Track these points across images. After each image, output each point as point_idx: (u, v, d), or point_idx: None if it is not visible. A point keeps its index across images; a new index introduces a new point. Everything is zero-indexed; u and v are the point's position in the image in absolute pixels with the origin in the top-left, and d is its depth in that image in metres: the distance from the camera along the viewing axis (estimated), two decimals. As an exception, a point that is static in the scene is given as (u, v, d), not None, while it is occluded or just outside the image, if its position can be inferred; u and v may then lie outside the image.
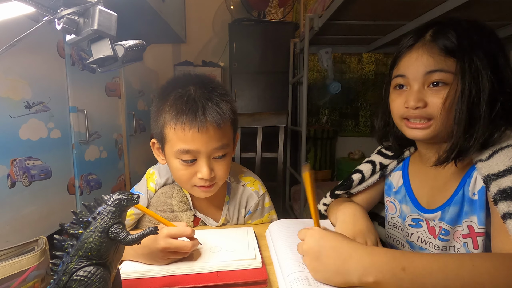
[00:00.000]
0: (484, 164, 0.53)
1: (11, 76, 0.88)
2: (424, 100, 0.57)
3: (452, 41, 0.54)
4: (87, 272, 0.38)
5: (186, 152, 0.66)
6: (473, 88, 0.52)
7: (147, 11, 1.41)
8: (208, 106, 0.66)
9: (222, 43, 2.66)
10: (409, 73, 0.59)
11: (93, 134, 1.26)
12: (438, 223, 0.63)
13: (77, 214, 0.39)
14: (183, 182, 0.72)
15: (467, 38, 0.54)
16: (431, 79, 0.56)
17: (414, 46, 0.59)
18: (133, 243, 0.40)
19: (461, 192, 0.59)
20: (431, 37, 0.57)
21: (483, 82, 0.52)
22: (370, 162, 0.77)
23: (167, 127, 0.67)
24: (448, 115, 0.55)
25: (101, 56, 0.41)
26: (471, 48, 0.53)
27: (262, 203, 0.85)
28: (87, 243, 0.38)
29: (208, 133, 0.65)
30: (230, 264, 0.55)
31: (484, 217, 0.55)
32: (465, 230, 0.58)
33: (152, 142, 0.75)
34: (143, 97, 1.85)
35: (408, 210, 0.69)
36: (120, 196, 0.41)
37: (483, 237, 0.56)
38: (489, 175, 0.51)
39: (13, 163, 0.87)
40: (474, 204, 0.57)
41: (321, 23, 1.67)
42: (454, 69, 0.54)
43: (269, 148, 1.33)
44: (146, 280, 0.52)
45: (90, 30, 0.38)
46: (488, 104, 0.52)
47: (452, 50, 0.54)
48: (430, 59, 0.56)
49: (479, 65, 0.52)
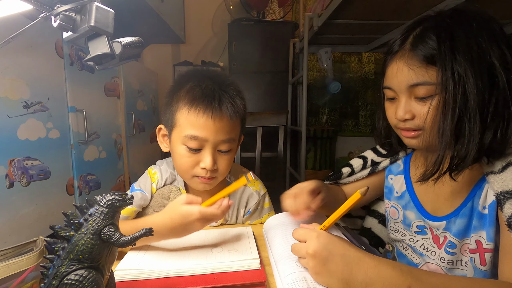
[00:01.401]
0: (496, 178, 0.49)
1: (9, 75, 0.87)
2: (412, 111, 0.55)
3: (432, 47, 0.50)
4: (79, 276, 0.36)
5: (194, 139, 0.66)
6: (457, 97, 0.48)
7: (146, 11, 1.41)
8: (224, 98, 0.67)
9: (221, 43, 2.66)
10: (394, 86, 0.57)
11: (92, 134, 1.25)
12: (442, 232, 0.61)
13: (68, 215, 0.38)
14: (184, 170, 0.71)
15: (449, 40, 0.49)
16: (416, 92, 0.54)
17: (396, 54, 0.56)
18: (126, 245, 0.39)
19: (469, 204, 0.56)
20: (411, 45, 0.53)
21: (468, 88, 0.48)
22: (361, 157, 0.78)
23: (180, 111, 0.67)
24: (435, 126, 0.52)
25: (98, 53, 0.40)
26: (453, 53, 0.49)
27: (262, 203, 0.85)
28: (78, 245, 0.37)
29: (220, 123, 0.66)
30: (228, 265, 0.54)
31: (494, 233, 0.52)
32: (472, 245, 0.56)
33: (159, 128, 0.76)
34: (143, 97, 1.85)
35: (413, 216, 0.68)
36: (113, 197, 0.40)
37: (491, 254, 0.53)
38: (503, 192, 0.47)
39: (11, 163, 0.87)
40: (484, 219, 0.54)
41: (320, 22, 1.67)
42: (436, 79, 0.50)
43: (268, 147, 1.32)
44: (141, 282, 0.51)
45: (87, 27, 0.37)
46: (477, 109, 0.48)
47: (432, 58, 0.50)
48: (411, 72, 0.53)
49: (462, 71, 0.48)
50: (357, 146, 2.88)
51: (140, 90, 1.82)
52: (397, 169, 0.74)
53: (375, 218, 0.83)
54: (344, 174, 0.77)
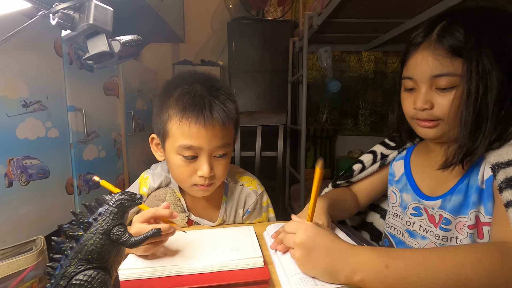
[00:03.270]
0: (493, 153, 0.52)
1: (8, 74, 0.87)
2: (431, 101, 0.56)
3: (459, 39, 0.52)
4: (87, 276, 0.36)
5: (189, 148, 0.66)
6: (480, 89, 0.51)
7: (145, 9, 1.41)
8: (215, 104, 0.66)
9: (221, 42, 2.65)
10: (416, 75, 0.58)
11: (91, 133, 1.25)
12: (437, 211, 0.63)
13: (77, 214, 0.38)
14: (182, 179, 0.71)
15: (476, 34, 0.51)
16: (438, 83, 0.55)
17: (421, 45, 0.57)
18: (136, 245, 0.39)
19: (466, 181, 0.58)
20: (437, 36, 0.55)
21: (491, 81, 0.50)
22: (371, 152, 0.79)
23: (171, 122, 0.66)
24: (456, 116, 0.54)
25: (97, 51, 0.40)
26: (479, 46, 0.51)
27: (261, 202, 0.85)
28: (87, 245, 0.36)
29: (213, 131, 0.66)
30: (232, 263, 0.54)
31: (492, 207, 0.55)
32: (472, 221, 0.58)
33: (152, 138, 0.75)
34: (142, 96, 1.84)
35: (409, 198, 0.69)
36: (123, 196, 0.39)
37: (489, 227, 0.55)
38: (498, 163, 0.51)
39: (11, 163, 0.87)
40: (482, 194, 0.56)
41: (320, 21, 1.67)
42: (461, 70, 0.52)
43: (268, 147, 1.32)
44: (145, 281, 0.51)
45: (86, 25, 0.37)
46: (496, 104, 0.51)
47: (458, 50, 0.52)
48: (436, 62, 0.54)
49: (487, 64, 0.50)
50: (356, 145, 2.88)
51: (140, 89, 1.81)
52: (400, 156, 0.76)
53: (377, 213, 0.84)
54: (356, 171, 0.78)
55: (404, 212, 0.70)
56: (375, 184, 0.80)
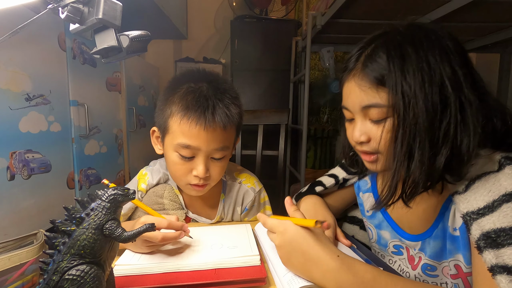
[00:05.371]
0: (461, 198, 0.47)
1: (12, 68, 0.87)
2: (368, 134, 0.52)
3: (382, 67, 0.47)
4: (80, 271, 0.36)
5: (187, 147, 0.66)
6: (407, 119, 0.46)
7: (149, 6, 1.41)
8: (218, 107, 0.66)
9: (223, 40, 2.65)
10: (349, 106, 0.54)
11: (93, 128, 1.25)
12: (418, 253, 0.59)
13: (69, 210, 0.37)
14: (177, 177, 0.71)
15: (399, 59, 0.46)
16: (369, 114, 0.51)
17: (349, 74, 0.53)
18: (129, 240, 0.39)
19: (441, 225, 0.54)
20: (362, 65, 0.50)
21: (418, 109, 0.45)
22: (332, 176, 0.75)
23: (173, 118, 0.66)
24: (390, 149, 0.49)
25: (105, 46, 0.40)
26: (402, 72, 0.46)
27: (258, 199, 0.85)
28: (80, 240, 0.36)
29: (213, 133, 0.65)
30: (229, 261, 0.54)
31: (470, 255, 0.50)
32: (452, 270, 0.54)
33: (153, 130, 0.75)
34: (144, 93, 1.84)
35: (388, 236, 0.65)
36: (115, 191, 0.39)
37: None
38: (468, 213, 0.45)
39: (13, 156, 0.87)
40: (457, 241, 0.51)
41: (323, 21, 1.66)
42: (387, 101, 0.47)
43: (269, 146, 1.32)
44: (141, 277, 0.51)
45: (95, 19, 0.37)
46: (425, 134, 0.45)
47: (382, 79, 0.47)
48: (363, 93, 0.50)
49: (410, 91, 0.45)
50: (357, 146, 2.87)
51: (142, 85, 1.81)
52: (365, 186, 0.71)
53: (355, 225, 0.80)
54: (318, 191, 0.76)
55: (386, 250, 0.66)
56: (345, 196, 0.78)
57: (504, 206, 0.42)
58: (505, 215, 0.41)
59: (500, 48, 1.95)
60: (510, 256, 0.40)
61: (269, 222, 0.54)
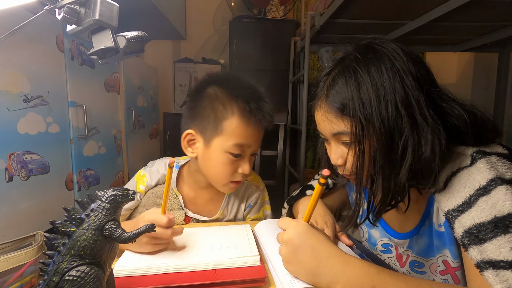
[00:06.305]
0: (441, 197, 0.48)
1: (10, 69, 0.87)
2: (344, 157, 0.53)
3: (342, 95, 0.49)
4: (80, 272, 0.36)
5: (241, 146, 0.69)
6: (364, 145, 0.48)
7: (147, 6, 1.40)
8: (270, 111, 0.72)
9: (222, 40, 2.65)
10: (321, 132, 0.56)
11: (91, 129, 1.25)
12: (406, 251, 0.60)
13: (69, 211, 0.37)
14: (224, 176, 0.72)
15: (354, 85, 0.47)
16: (341, 138, 0.52)
17: (316, 103, 0.54)
18: (129, 240, 0.39)
19: (427, 222, 0.55)
20: (325, 95, 0.52)
21: (374, 134, 0.46)
22: None
23: (229, 120, 0.68)
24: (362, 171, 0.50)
25: (102, 47, 0.40)
26: (359, 98, 0.47)
27: (262, 197, 0.88)
28: (80, 241, 0.36)
29: (261, 133, 0.73)
30: (228, 261, 0.54)
31: (456, 249, 0.51)
32: (441, 267, 0.54)
33: (186, 134, 0.73)
34: (143, 93, 1.84)
35: (377, 234, 0.66)
36: (115, 192, 0.39)
37: (461, 271, 0.52)
38: (449, 211, 0.46)
39: (11, 157, 0.87)
40: (443, 237, 0.52)
41: (322, 21, 1.66)
42: (350, 128, 0.49)
43: (268, 146, 1.32)
44: (141, 278, 0.51)
45: (91, 20, 0.37)
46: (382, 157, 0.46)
47: (343, 108, 0.49)
48: (330, 122, 0.51)
49: (366, 117, 0.46)
50: (356, 146, 2.87)
51: (140, 86, 1.81)
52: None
53: None
54: (309, 195, 0.77)
55: (375, 248, 0.67)
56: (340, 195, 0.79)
57: (480, 200, 0.43)
58: (482, 209, 0.42)
59: (498, 47, 1.95)
60: (492, 250, 0.40)
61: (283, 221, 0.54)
